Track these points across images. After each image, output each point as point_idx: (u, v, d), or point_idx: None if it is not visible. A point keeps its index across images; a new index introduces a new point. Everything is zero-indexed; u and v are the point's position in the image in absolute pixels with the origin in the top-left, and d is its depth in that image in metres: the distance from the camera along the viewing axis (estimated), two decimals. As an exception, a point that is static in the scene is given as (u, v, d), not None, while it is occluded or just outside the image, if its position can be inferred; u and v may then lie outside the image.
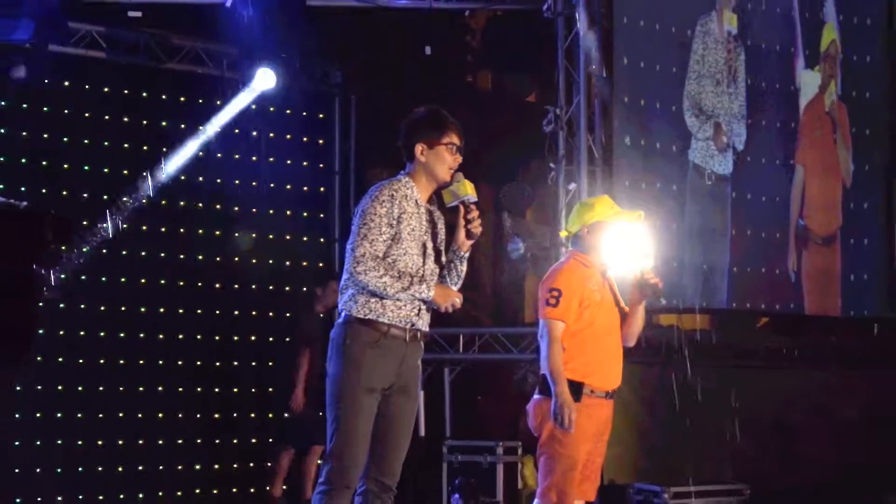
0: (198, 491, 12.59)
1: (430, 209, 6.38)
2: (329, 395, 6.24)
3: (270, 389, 12.94)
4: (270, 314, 13.14)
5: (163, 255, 12.51)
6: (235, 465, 12.83)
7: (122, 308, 12.27)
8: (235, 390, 12.86)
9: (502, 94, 13.40)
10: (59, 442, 11.88)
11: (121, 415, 12.19)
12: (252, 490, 12.83)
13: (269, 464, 12.22)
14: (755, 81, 13.24)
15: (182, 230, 12.67)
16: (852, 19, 14.14)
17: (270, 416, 12.91)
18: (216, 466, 12.73)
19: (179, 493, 12.44)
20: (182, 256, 12.63)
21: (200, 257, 12.77)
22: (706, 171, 12.85)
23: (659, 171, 12.46)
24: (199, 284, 12.74)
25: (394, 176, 6.37)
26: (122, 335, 12.27)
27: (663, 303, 7.05)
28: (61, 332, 11.83)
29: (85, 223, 11.81)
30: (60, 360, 11.88)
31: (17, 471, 11.54)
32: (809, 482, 12.77)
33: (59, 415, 11.89)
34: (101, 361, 12.13)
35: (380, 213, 6.17)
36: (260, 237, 13.11)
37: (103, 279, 12.19)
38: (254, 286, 13.07)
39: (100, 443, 12.09)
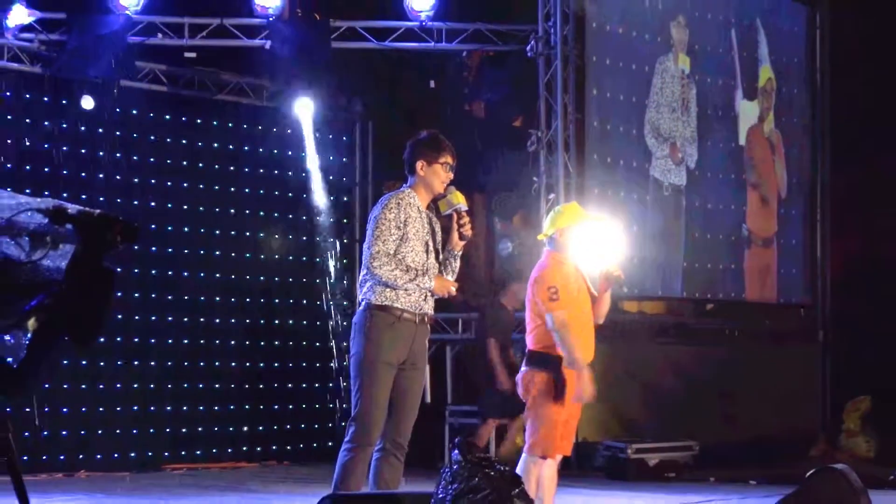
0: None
1: (429, 215, 6.40)
2: (353, 369, 6.25)
3: (304, 364, 12.98)
4: (304, 301, 13.14)
5: (217, 252, 12.53)
6: (276, 427, 12.85)
7: (185, 297, 12.30)
8: (276, 364, 12.88)
9: (493, 120, 13.38)
10: (135, 408, 11.90)
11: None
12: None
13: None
14: (703, 110, 13.27)
15: (233, 233, 12.70)
16: (782, 59, 14.18)
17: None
18: (260, 428, 12.76)
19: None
20: (233, 254, 12.66)
21: (248, 255, 12.78)
22: (664, 183, 12.87)
23: (622, 182, 12.48)
24: (247, 277, 12.76)
25: (400, 188, 6.39)
26: (185, 319, 12.31)
27: (625, 291, 7.06)
28: (136, 317, 11.86)
29: (153, 227, 11.83)
30: (136, 340, 11.91)
31: (99, 432, 11.58)
32: (746, 439, 12.77)
33: (134, 385, 11.92)
34: (169, 341, 12.16)
35: (389, 218, 6.19)
36: (295, 238, 13.13)
37: (169, 273, 12.22)
38: (290, 279, 13.09)
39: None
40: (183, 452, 12.13)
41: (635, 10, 12.66)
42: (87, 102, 11.36)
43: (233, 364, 12.57)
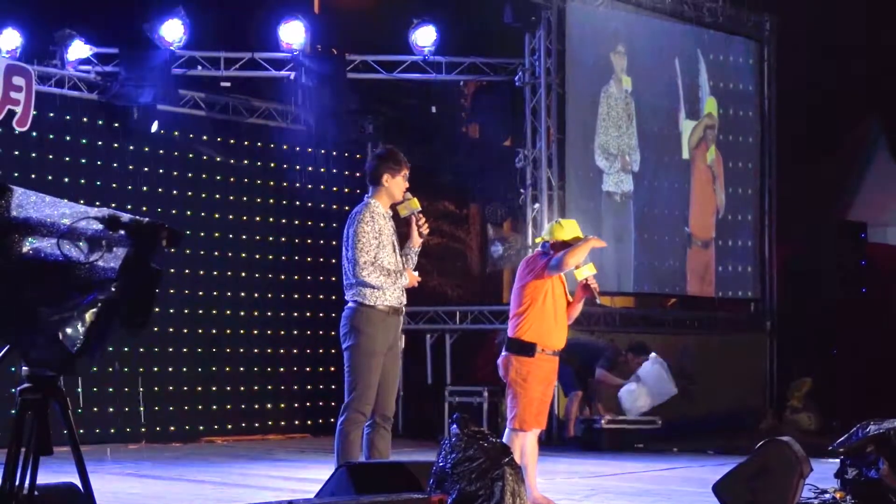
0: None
1: (390, 217, 6.48)
2: (350, 359, 6.35)
3: (321, 350, 12.98)
4: (320, 296, 13.11)
5: (243, 255, 12.54)
6: (297, 405, 12.85)
7: (214, 293, 12.28)
8: (295, 351, 12.89)
9: (486, 141, 13.41)
10: (176, 388, 11.90)
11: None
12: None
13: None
14: (643, 125, 13.24)
15: (258, 237, 12.69)
16: (728, 86, 14.23)
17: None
18: (282, 405, 12.75)
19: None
20: (257, 256, 12.66)
21: (270, 256, 12.78)
22: (616, 193, 12.91)
23: (583, 193, 12.54)
24: (269, 276, 12.75)
25: (363, 199, 6.43)
26: (213, 312, 12.29)
27: (598, 302, 7.21)
28: (171, 310, 11.82)
29: (188, 232, 11.83)
30: (170, 329, 11.86)
31: (141, 408, 11.57)
32: (704, 414, 12.77)
33: (170, 369, 11.88)
34: (198, 331, 12.12)
35: (367, 231, 6.29)
36: (313, 241, 13.13)
37: (201, 272, 12.19)
38: (308, 277, 13.09)
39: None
40: (216, 427, 12.13)
41: (588, 43, 12.65)
42: (154, 126, 11.47)
43: (255, 350, 12.57)
